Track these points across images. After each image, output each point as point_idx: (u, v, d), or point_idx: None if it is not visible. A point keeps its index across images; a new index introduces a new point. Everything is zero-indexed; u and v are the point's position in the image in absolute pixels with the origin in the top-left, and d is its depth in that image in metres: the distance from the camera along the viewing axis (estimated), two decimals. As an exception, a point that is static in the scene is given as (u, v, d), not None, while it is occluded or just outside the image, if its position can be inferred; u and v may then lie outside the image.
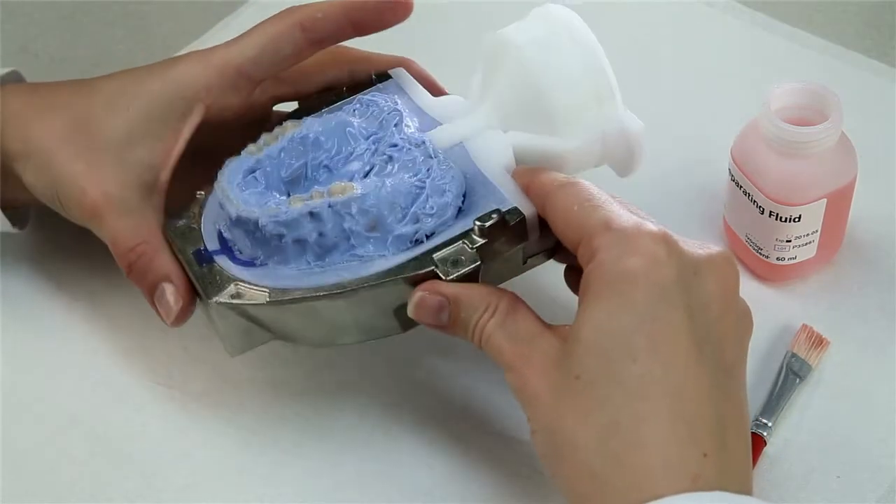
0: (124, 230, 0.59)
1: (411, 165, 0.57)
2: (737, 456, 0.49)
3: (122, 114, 0.60)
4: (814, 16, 0.80)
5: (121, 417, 0.61)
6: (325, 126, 0.59)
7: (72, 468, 0.60)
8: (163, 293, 0.58)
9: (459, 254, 0.54)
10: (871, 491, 0.57)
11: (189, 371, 0.62)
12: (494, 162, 0.58)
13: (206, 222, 0.59)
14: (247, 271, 0.56)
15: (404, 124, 0.59)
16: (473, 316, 0.53)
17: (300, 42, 0.60)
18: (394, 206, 0.55)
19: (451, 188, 0.56)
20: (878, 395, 0.60)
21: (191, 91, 0.60)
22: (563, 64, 0.58)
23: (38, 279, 0.67)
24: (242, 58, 0.60)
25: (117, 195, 0.59)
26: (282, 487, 0.59)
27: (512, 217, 0.55)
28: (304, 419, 0.61)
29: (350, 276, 0.55)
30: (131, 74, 0.62)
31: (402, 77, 0.63)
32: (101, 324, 0.65)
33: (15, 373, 0.63)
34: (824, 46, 0.78)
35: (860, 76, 0.75)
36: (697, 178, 0.70)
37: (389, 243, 0.55)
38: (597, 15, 0.80)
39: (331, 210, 0.55)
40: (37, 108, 0.61)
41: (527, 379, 0.50)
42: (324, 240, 0.55)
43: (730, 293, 0.51)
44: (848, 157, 0.61)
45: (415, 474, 0.58)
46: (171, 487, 0.59)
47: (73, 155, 0.59)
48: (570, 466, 0.49)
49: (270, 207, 0.55)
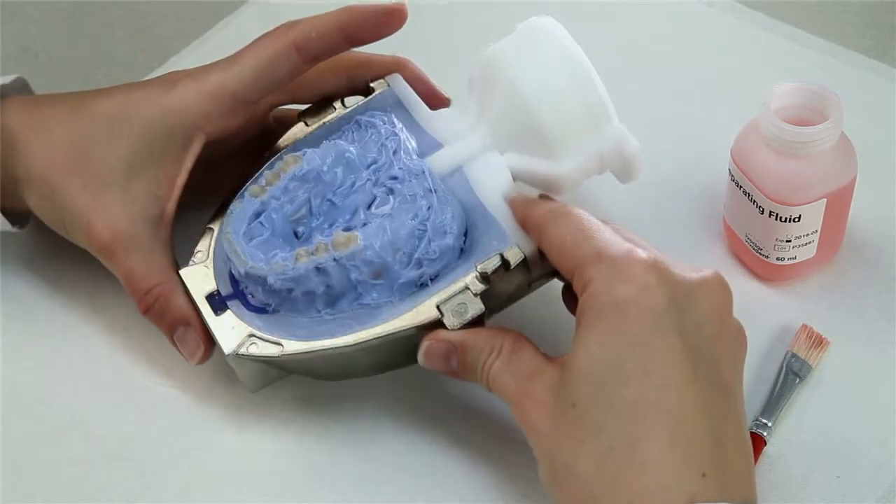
0: (137, 269, 0.59)
1: (412, 202, 0.57)
2: (738, 475, 0.49)
3: (121, 144, 0.60)
4: (814, 16, 0.80)
5: (121, 417, 0.61)
6: (324, 158, 0.59)
7: (72, 468, 0.60)
8: (183, 335, 0.59)
9: (464, 301, 0.55)
10: (871, 491, 0.57)
11: (189, 371, 0.62)
12: (493, 188, 0.59)
13: (218, 260, 0.60)
14: (259, 319, 0.58)
15: (402, 150, 0.59)
16: (480, 359, 0.54)
17: (295, 62, 0.60)
18: (397, 253, 0.56)
19: (452, 228, 0.57)
20: (878, 395, 0.60)
21: (189, 120, 0.60)
22: (555, 87, 0.58)
23: (39, 280, 0.67)
24: (238, 83, 0.60)
25: (125, 230, 0.59)
26: (282, 487, 0.59)
27: (513, 258, 0.56)
28: (304, 419, 0.61)
29: (359, 325, 0.56)
30: (129, 96, 0.61)
31: (398, 86, 0.63)
32: (100, 324, 0.65)
33: (15, 373, 0.63)
34: (824, 46, 0.78)
35: (860, 76, 0.75)
36: (697, 178, 0.70)
37: (395, 289, 0.57)
38: (597, 15, 0.80)
39: (336, 264, 0.56)
40: (36, 130, 0.61)
41: (528, 411, 0.51)
42: (331, 290, 0.57)
43: (723, 314, 0.51)
44: (848, 157, 0.61)
45: (415, 474, 0.58)
46: (171, 487, 0.59)
47: (78, 186, 0.59)
48: (569, 492, 0.49)
49: (277, 264, 0.56)
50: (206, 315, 0.58)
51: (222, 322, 0.58)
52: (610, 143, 0.59)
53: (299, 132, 0.63)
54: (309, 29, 0.60)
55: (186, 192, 0.61)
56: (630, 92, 0.61)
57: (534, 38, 0.59)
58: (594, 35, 0.61)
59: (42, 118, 0.61)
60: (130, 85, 0.63)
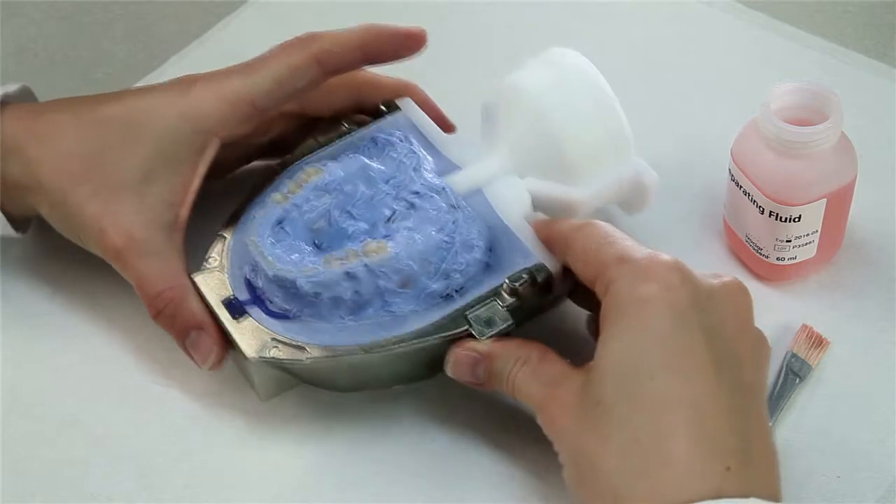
0: (149, 274, 0.59)
1: (436, 216, 0.58)
2: (763, 470, 0.49)
3: (136, 150, 0.59)
4: (814, 16, 0.80)
5: (121, 417, 0.61)
6: (346, 171, 0.60)
7: (72, 468, 0.60)
8: (195, 340, 0.58)
9: (493, 313, 0.56)
10: (871, 491, 0.57)
11: (189, 371, 0.62)
12: (514, 210, 0.60)
13: (233, 267, 0.59)
14: (280, 324, 0.57)
15: (423, 168, 0.60)
16: (507, 368, 0.54)
17: (315, 74, 0.60)
18: (425, 263, 0.57)
19: (478, 243, 0.58)
20: (878, 395, 0.60)
21: (206, 126, 0.59)
22: (580, 116, 0.60)
23: (39, 280, 0.67)
24: (257, 91, 0.60)
25: (138, 236, 0.59)
26: (282, 487, 0.59)
27: (540, 274, 0.56)
28: (304, 420, 0.61)
29: (385, 332, 0.56)
30: (141, 100, 0.61)
31: (410, 109, 0.64)
32: (100, 324, 0.65)
33: (15, 373, 0.63)
34: (824, 46, 0.78)
35: (860, 76, 0.75)
36: (697, 178, 0.70)
37: (421, 299, 0.57)
38: (597, 15, 0.80)
39: (366, 269, 0.56)
40: (42, 138, 0.60)
41: (554, 416, 0.52)
42: (358, 297, 0.57)
43: (745, 318, 0.52)
44: (848, 157, 0.61)
45: (415, 475, 0.58)
46: (171, 487, 0.59)
47: (90, 194, 0.59)
48: (593, 490, 0.49)
49: (308, 268, 0.57)
50: (224, 320, 0.58)
51: (242, 327, 0.57)
52: (629, 172, 0.61)
53: (307, 149, 0.64)
54: (331, 43, 0.60)
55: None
56: (630, 92, 0.61)
57: (557, 67, 0.61)
58: (594, 35, 0.61)
59: (47, 125, 0.61)
60: (141, 90, 0.62)
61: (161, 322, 0.59)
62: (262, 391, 0.59)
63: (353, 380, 0.59)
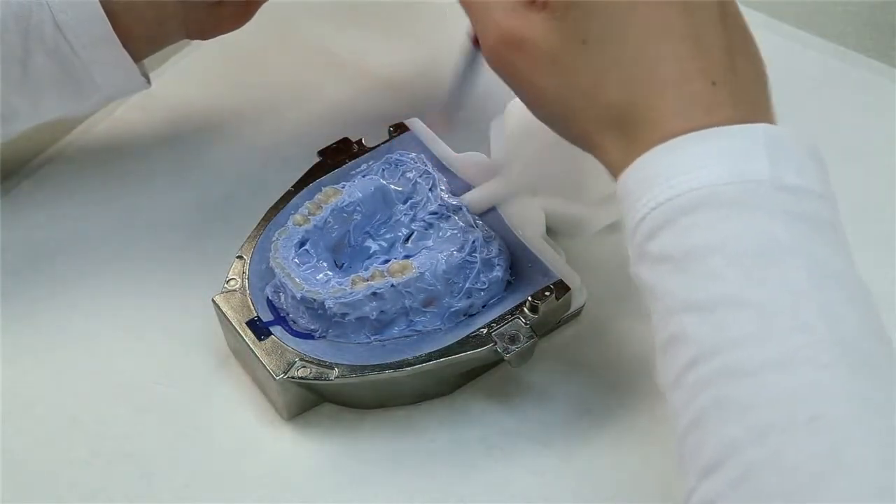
0: None
1: (455, 236, 0.59)
2: (747, 79, 0.48)
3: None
4: (814, 16, 0.80)
5: (121, 417, 0.61)
6: (364, 192, 0.61)
7: (72, 468, 0.60)
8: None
9: (516, 330, 0.57)
10: (871, 491, 0.56)
11: (189, 371, 0.62)
12: (530, 229, 0.61)
13: (254, 288, 0.60)
14: (305, 344, 0.58)
15: (439, 188, 0.61)
16: None
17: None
18: (449, 283, 0.58)
19: (500, 262, 0.59)
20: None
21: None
22: None
23: (39, 280, 0.67)
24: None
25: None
26: (282, 487, 0.59)
27: (560, 292, 0.58)
28: (303, 419, 0.61)
29: (409, 351, 0.57)
30: None
31: (419, 130, 0.66)
32: (100, 324, 0.65)
33: (15, 373, 0.63)
34: (824, 46, 0.78)
35: (860, 76, 0.75)
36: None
37: (445, 318, 0.58)
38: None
39: (393, 289, 0.57)
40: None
41: (523, 55, 0.49)
42: (384, 316, 0.58)
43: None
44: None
45: (415, 475, 0.58)
46: (170, 487, 0.59)
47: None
48: (583, 123, 0.48)
49: (335, 288, 0.57)
50: (248, 341, 0.58)
51: (266, 347, 0.58)
52: None
53: (318, 170, 0.64)
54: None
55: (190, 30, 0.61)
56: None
57: None
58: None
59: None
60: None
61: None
62: (286, 410, 0.60)
63: (376, 397, 0.60)
